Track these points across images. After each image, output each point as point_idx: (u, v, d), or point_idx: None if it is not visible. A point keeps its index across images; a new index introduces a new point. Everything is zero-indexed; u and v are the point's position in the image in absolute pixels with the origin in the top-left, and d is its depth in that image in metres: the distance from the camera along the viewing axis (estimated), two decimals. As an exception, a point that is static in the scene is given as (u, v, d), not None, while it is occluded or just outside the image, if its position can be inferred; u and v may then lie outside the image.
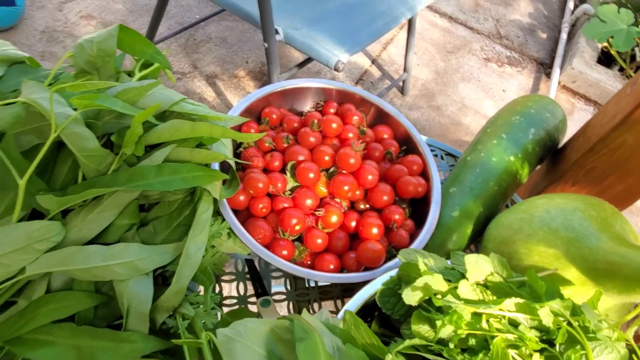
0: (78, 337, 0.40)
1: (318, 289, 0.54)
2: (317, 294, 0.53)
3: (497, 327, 0.36)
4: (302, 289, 0.53)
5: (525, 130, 0.60)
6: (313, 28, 0.96)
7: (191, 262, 0.42)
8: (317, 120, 0.55)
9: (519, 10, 1.87)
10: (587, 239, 0.45)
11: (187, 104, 0.49)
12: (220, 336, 0.33)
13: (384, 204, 0.52)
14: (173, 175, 0.44)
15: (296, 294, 0.53)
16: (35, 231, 0.38)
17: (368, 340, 0.37)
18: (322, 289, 0.54)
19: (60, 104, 0.41)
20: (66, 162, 0.44)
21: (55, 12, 1.41)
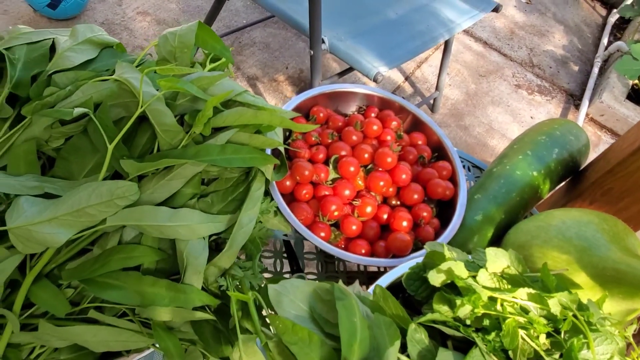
0: (142, 284, 0.46)
1: (346, 274, 0.59)
2: (345, 278, 0.58)
3: (509, 311, 0.40)
4: (332, 272, 0.59)
5: (550, 150, 0.65)
6: (356, 40, 1.02)
7: (243, 230, 0.48)
8: (360, 122, 0.60)
9: (553, 41, 1.91)
10: (598, 248, 0.50)
11: (249, 96, 0.56)
12: (271, 290, 0.39)
13: (414, 201, 0.57)
14: (234, 155, 0.50)
15: (326, 276, 0.58)
16: (118, 189, 0.45)
17: (395, 312, 0.42)
18: (349, 274, 0.59)
19: (147, 84, 0.48)
20: (144, 134, 0.51)
21: (115, 7, 1.51)
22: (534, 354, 0.39)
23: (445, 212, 0.59)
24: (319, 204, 0.55)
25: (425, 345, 0.40)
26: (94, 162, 0.49)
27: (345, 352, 0.34)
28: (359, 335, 0.36)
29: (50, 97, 0.48)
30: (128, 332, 0.47)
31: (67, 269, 0.47)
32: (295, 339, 0.36)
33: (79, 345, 0.48)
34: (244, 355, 0.42)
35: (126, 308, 0.48)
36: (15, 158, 0.47)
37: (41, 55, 0.50)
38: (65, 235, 0.43)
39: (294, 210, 0.53)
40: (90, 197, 0.44)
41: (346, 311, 0.37)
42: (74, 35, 0.53)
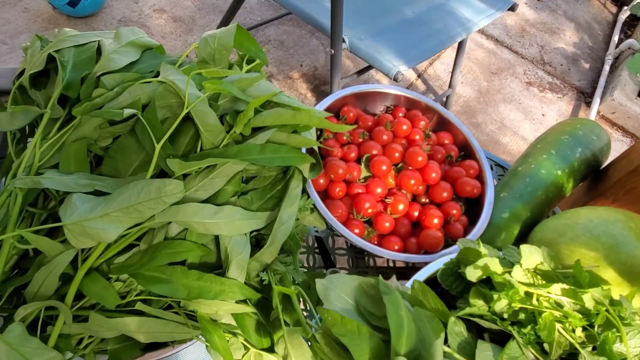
0: (188, 278, 0.48)
1: (376, 269, 0.61)
2: (375, 273, 0.60)
3: (545, 306, 0.42)
4: (362, 267, 0.61)
5: (573, 149, 0.66)
6: (375, 39, 1.04)
7: (284, 227, 0.50)
8: (390, 121, 0.62)
9: (564, 39, 1.92)
10: (625, 246, 0.51)
11: (284, 96, 0.58)
12: (318, 284, 0.41)
13: (444, 199, 0.59)
14: (273, 154, 0.52)
15: (357, 271, 0.60)
16: (166, 186, 0.47)
17: (434, 305, 0.44)
18: (379, 269, 0.61)
19: (191, 86, 0.50)
20: (187, 134, 0.52)
21: (132, 4, 1.53)
22: (569, 346, 0.41)
23: (473, 209, 0.61)
24: (352, 202, 0.56)
25: (465, 337, 0.42)
26: (139, 161, 0.51)
27: (395, 344, 0.36)
28: (406, 328, 0.38)
29: (99, 98, 0.50)
30: (174, 324, 0.49)
31: (115, 263, 0.49)
32: (345, 331, 0.38)
33: (125, 336, 0.50)
34: (290, 347, 0.44)
35: (171, 301, 0.50)
36: (67, 157, 0.49)
37: (88, 58, 0.52)
38: (116, 231, 0.45)
39: (329, 208, 0.55)
40: (139, 194, 0.46)
41: (393, 305, 0.39)
42: (117, 38, 0.55)
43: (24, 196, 0.48)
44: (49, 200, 0.51)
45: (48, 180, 0.46)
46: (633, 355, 0.40)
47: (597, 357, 0.40)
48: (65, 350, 0.49)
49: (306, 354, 0.44)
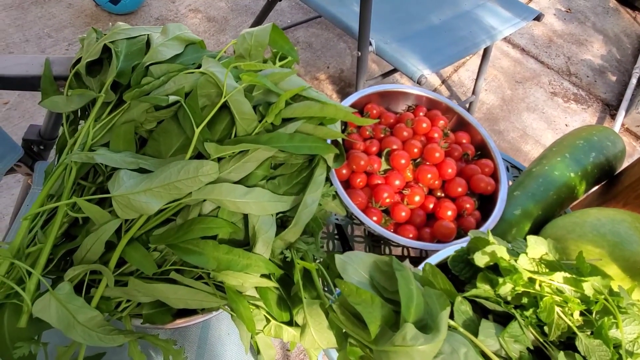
0: (218, 251, 0.53)
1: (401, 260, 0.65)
2: (390, 261, 0.64)
3: (547, 291, 0.46)
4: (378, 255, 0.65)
5: (587, 153, 0.69)
6: (401, 44, 1.08)
7: (308, 210, 0.55)
8: (411, 119, 0.66)
9: (591, 51, 1.92)
10: (630, 244, 0.54)
11: (313, 91, 0.62)
12: (337, 259, 0.45)
13: (458, 194, 0.62)
14: (301, 143, 0.56)
15: (373, 258, 0.64)
16: (203, 167, 0.52)
17: (443, 286, 0.48)
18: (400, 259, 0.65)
19: (229, 77, 0.55)
20: (223, 121, 0.57)
21: (169, 3, 1.61)
22: (567, 329, 0.44)
23: (486, 205, 0.64)
24: (371, 192, 0.60)
25: (470, 316, 0.46)
26: (179, 144, 0.56)
27: (404, 312, 0.40)
28: (415, 300, 0.41)
29: (147, 86, 0.55)
30: (203, 293, 0.54)
31: (154, 235, 0.54)
32: (360, 300, 0.42)
33: (159, 302, 0.55)
34: (308, 316, 0.49)
35: (202, 272, 0.55)
36: (116, 137, 0.55)
37: (139, 49, 0.58)
38: (157, 205, 0.50)
39: (350, 196, 0.59)
40: (179, 173, 0.51)
41: (404, 279, 0.42)
42: (164, 33, 0.60)
43: (77, 170, 0.53)
44: (97, 175, 0.57)
45: (100, 156, 0.52)
46: (628, 341, 0.43)
47: (593, 340, 0.43)
48: (106, 311, 0.55)
49: (323, 323, 0.48)
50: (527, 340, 0.45)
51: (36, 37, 1.39)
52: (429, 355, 0.38)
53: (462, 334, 0.43)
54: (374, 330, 0.40)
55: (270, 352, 0.58)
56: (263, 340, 0.58)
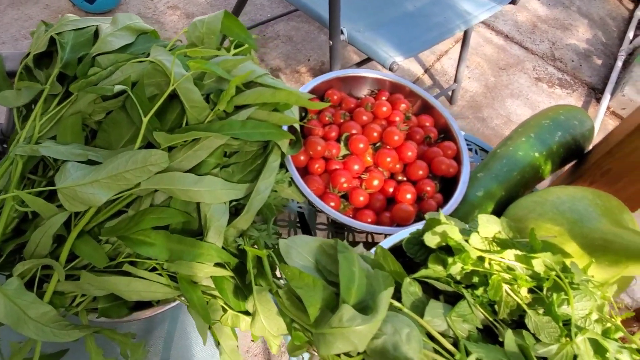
0: (170, 241, 0.52)
1: (354, 244, 0.64)
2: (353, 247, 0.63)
3: (496, 269, 0.45)
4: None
5: (553, 133, 0.68)
6: (374, 32, 1.07)
7: (260, 196, 0.54)
8: (370, 103, 0.65)
9: (576, 35, 1.90)
10: (589, 220, 0.53)
11: (269, 78, 0.61)
12: (281, 244, 0.44)
13: (419, 177, 0.61)
14: (254, 130, 0.55)
15: (336, 245, 0.63)
16: (152, 156, 0.51)
17: (393, 268, 0.47)
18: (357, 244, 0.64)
19: (178, 65, 0.54)
20: (174, 111, 0.56)
21: (147, 1, 1.60)
22: (518, 307, 0.44)
23: (449, 188, 0.63)
24: (329, 177, 0.60)
25: (419, 297, 0.45)
26: (130, 134, 0.55)
27: (344, 294, 0.39)
28: (356, 282, 0.41)
29: (94, 76, 0.54)
30: (157, 284, 0.53)
31: (105, 227, 0.53)
32: (302, 284, 0.41)
33: (114, 296, 0.55)
34: (258, 304, 0.48)
35: (156, 263, 0.54)
36: (64, 129, 0.54)
37: (86, 40, 0.57)
38: (105, 196, 0.50)
39: (307, 182, 0.58)
40: (127, 163, 0.50)
41: (346, 261, 0.42)
42: (114, 23, 0.60)
43: (24, 163, 0.52)
44: (48, 169, 0.56)
45: (45, 149, 0.51)
46: (579, 317, 0.42)
47: (542, 317, 0.42)
48: (60, 306, 0.54)
49: (272, 310, 0.47)
50: (476, 319, 0.44)
51: (12, 39, 1.39)
52: (366, 335, 0.37)
53: (407, 315, 0.42)
54: (313, 313, 0.40)
55: (230, 342, 0.58)
56: (222, 330, 0.57)
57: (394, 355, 0.39)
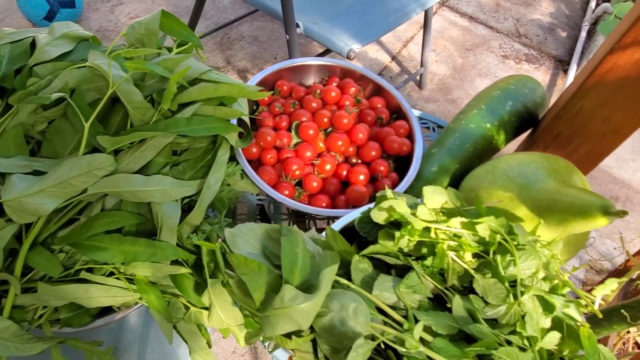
0: (123, 244, 0.52)
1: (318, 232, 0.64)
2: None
3: (442, 238, 0.45)
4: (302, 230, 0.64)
5: (503, 103, 0.69)
6: (331, 23, 1.07)
7: (210, 190, 0.54)
8: (319, 90, 0.65)
9: (540, 10, 1.92)
10: (536, 183, 0.54)
11: (214, 74, 0.61)
12: (227, 233, 0.44)
13: (372, 158, 0.62)
14: (199, 125, 0.55)
15: (298, 234, 0.63)
16: (96, 161, 0.51)
17: (342, 248, 0.47)
18: (319, 231, 0.64)
19: (116, 68, 0.54)
20: (118, 114, 0.56)
21: (108, 14, 1.59)
22: (466, 273, 0.44)
23: (404, 166, 0.64)
24: (282, 166, 0.60)
25: (369, 273, 0.45)
26: (75, 141, 0.55)
27: (286, 275, 0.39)
28: (300, 263, 0.41)
29: (32, 87, 0.54)
30: (115, 289, 0.53)
31: (58, 236, 0.53)
32: (247, 270, 0.41)
33: (76, 305, 0.54)
34: (212, 296, 0.48)
35: (113, 267, 0.54)
36: (6, 142, 0.53)
37: (23, 52, 0.57)
38: (52, 205, 0.49)
39: (259, 173, 0.58)
40: (72, 170, 0.50)
41: (289, 243, 0.42)
42: (51, 32, 0.59)
43: (-32, 180, 0.52)
44: (-5, 185, 0.56)
45: (-12, 163, 0.51)
46: (526, 277, 0.43)
47: (489, 280, 0.42)
48: (20, 320, 0.53)
49: (227, 300, 0.47)
50: (426, 289, 0.44)
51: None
52: (310, 313, 0.37)
53: (355, 291, 0.42)
54: (258, 298, 0.40)
55: (198, 340, 0.58)
56: (188, 328, 0.57)
57: (342, 330, 0.39)
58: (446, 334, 0.41)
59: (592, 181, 1.42)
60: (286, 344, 0.39)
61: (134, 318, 0.65)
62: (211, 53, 1.55)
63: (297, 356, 0.41)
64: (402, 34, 1.73)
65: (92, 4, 1.62)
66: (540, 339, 0.40)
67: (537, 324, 0.41)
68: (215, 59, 1.53)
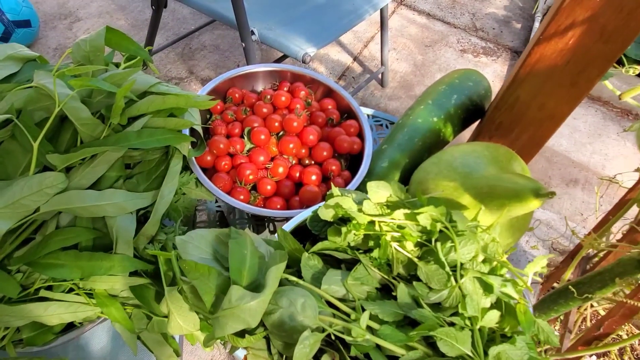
0: (80, 259, 0.52)
1: (271, 233, 0.66)
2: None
3: (386, 229, 0.47)
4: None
5: (449, 97, 0.72)
6: (286, 28, 1.09)
7: (164, 201, 0.55)
8: (269, 95, 0.67)
9: (494, 3, 1.98)
10: (477, 171, 0.56)
11: (162, 86, 0.62)
12: (177, 240, 0.45)
13: (324, 158, 0.64)
14: (149, 138, 0.56)
15: (258, 237, 0.65)
16: (46, 179, 0.51)
17: (293, 246, 0.49)
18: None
19: (62, 86, 0.55)
20: (68, 131, 0.57)
21: (66, 31, 1.57)
22: (411, 262, 0.46)
23: (357, 164, 0.66)
24: (236, 172, 0.61)
25: (319, 269, 0.47)
26: (26, 162, 0.55)
27: (234, 277, 0.41)
28: (248, 263, 0.42)
29: (-23, 110, 0.54)
30: (76, 304, 0.54)
31: (15, 256, 0.53)
32: (197, 275, 0.42)
33: (38, 324, 0.55)
34: (170, 303, 0.49)
35: (72, 284, 0.54)
36: (-46, 167, 0.53)
37: (-34, 76, 0.57)
38: (5, 226, 0.50)
39: (213, 180, 0.59)
40: (22, 190, 0.50)
41: (237, 245, 0.43)
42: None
43: None
44: (-52, 210, 0.55)
45: (-64, 190, 0.51)
46: (466, 260, 0.45)
47: (431, 266, 0.45)
48: (-20, 343, 0.53)
49: (184, 307, 0.49)
50: (374, 280, 0.46)
51: None
52: (257, 311, 0.39)
53: (303, 287, 0.44)
54: (208, 301, 0.41)
55: (164, 349, 0.59)
56: (152, 338, 0.58)
57: (291, 325, 0.41)
58: (392, 320, 0.43)
59: (552, 166, 1.47)
60: (239, 343, 0.41)
61: (101, 332, 0.65)
62: (173, 64, 1.55)
63: (251, 354, 0.42)
64: (362, 34, 1.76)
65: (49, 22, 1.60)
66: (480, 319, 0.42)
67: (477, 304, 0.43)
68: (177, 69, 1.54)
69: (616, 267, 0.58)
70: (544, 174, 1.44)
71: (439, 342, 0.39)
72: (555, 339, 0.44)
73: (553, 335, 0.45)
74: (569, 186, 1.43)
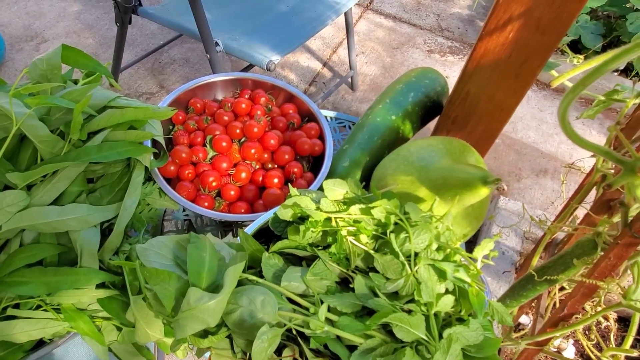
0: (45, 275, 0.53)
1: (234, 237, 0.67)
2: (244, 241, 0.66)
3: (342, 225, 0.49)
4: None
5: (406, 95, 0.74)
6: (251, 38, 1.10)
7: (127, 212, 0.56)
8: (230, 103, 0.68)
9: (458, 4, 2.03)
10: (432, 164, 0.58)
11: (122, 100, 0.63)
12: (138, 248, 0.46)
13: (286, 161, 0.65)
14: (110, 151, 0.57)
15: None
16: (6, 198, 0.52)
17: (254, 247, 0.50)
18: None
19: (19, 105, 0.55)
20: (28, 149, 0.57)
21: (33, 53, 1.57)
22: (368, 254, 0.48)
23: (320, 166, 0.67)
24: (200, 180, 0.62)
25: (279, 267, 0.48)
26: (-16, 183, 0.56)
27: (193, 279, 0.42)
28: (207, 266, 0.43)
29: None
30: (44, 320, 0.54)
31: (-21, 277, 0.53)
32: (158, 281, 0.43)
33: (8, 342, 0.55)
34: (136, 312, 0.49)
35: (39, 300, 0.54)
36: None
37: None
38: (-34, 247, 0.50)
39: (177, 189, 0.60)
40: (-18, 210, 0.51)
41: (196, 249, 0.44)
42: (-49, 78, 0.60)
43: None
44: None
45: None
46: (421, 249, 0.47)
47: (386, 257, 0.46)
48: (-50, 366, 0.53)
49: (150, 314, 0.49)
50: (333, 274, 0.48)
51: None
52: (216, 311, 0.40)
53: (263, 285, 0.45)
54: (168, 305, 0.42)
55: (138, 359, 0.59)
56: (124, 349, 0.58)
57: (251, 322, 0.42)
58: (351, 312, 0.44)
59: (522, 157, 1.51)
60: (201, 344, 0.42)
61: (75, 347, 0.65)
62: (143, 80, 1.56)
63: (215, 353, 0.43)
64: (330, 40, 1.78)
65: (15, 45, 1.60)
66: (435, 304, 0.44)
67: (432, 290, 0.45)
68: (148, 85, 1.54)
69: (576, 249, 0.60)
70: (514, 166, 1.48)
71: (394, 328, 0.41)
72: (509, 319, 0.46)
73: (507, 315, 0.47)
74: (539, 176, 1.46)
